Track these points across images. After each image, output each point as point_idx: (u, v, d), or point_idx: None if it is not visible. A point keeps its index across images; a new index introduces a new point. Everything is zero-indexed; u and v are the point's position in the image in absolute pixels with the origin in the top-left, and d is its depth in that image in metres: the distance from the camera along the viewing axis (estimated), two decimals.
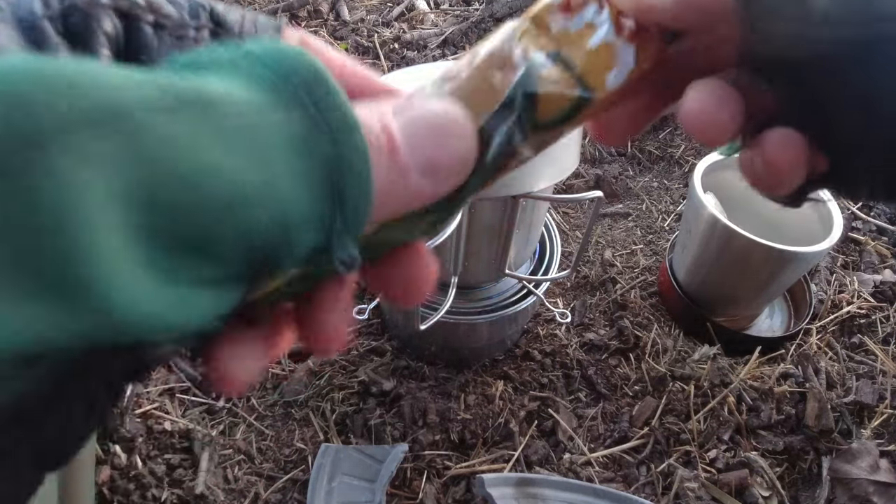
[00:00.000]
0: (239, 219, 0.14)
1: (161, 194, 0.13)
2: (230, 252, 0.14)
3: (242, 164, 0.14)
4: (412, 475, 0.74)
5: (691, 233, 0.87)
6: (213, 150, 0.14)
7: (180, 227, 0.13)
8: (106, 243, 0.12)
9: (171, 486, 0.71)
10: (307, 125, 0.15)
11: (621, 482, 0.75)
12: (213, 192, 0.14)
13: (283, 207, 0.15)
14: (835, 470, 0.74)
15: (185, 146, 0.13)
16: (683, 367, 0.85)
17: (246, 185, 0.14)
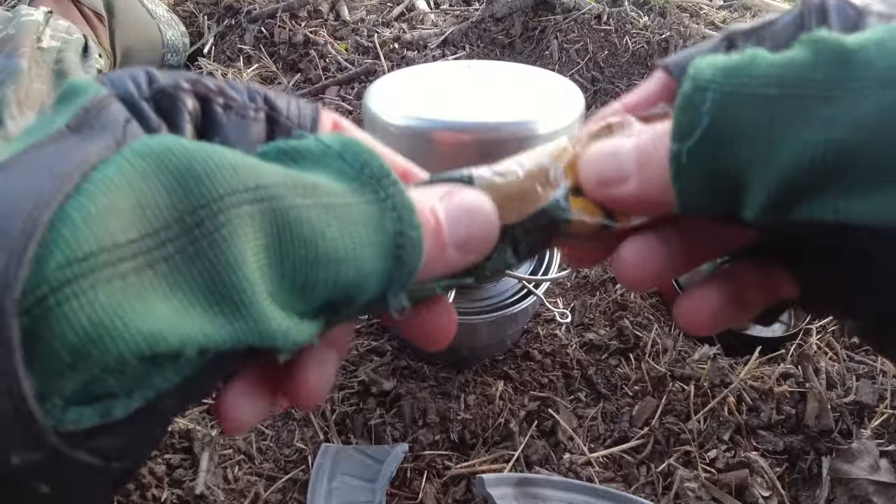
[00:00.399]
0: (336, 271, 0.19)
1: (288, 248, 0.18)
2: (323, 294, 0.20)
3: (340, 233, 0.19)
4: (412, 475, 0.74)
5: None
6: (322, 219, 0.19)
7: (298, 274, 0.19)
8: (257, 281, 0.18)
9: (171, 486, 0.71)
10: (379, 207, 0.21)
11: (621, 482, 0.75)
12: (323, 250, 0.19)
13: (364, 265, 0.20)
14: (835, 470, 0.74)
15: (305, 216, 0.19)
16: (683, 367, 0.85)
17: (341, 248, 0.19)
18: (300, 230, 0.18)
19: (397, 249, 0.20)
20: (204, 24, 1.51)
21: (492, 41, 1.48)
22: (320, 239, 0.19)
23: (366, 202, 0.20)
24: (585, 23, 1.45)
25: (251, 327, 0.17)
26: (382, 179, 0.21)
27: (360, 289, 0.20)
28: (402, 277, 0.21)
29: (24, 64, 0.99)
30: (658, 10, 1.51)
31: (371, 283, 0.20)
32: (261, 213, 0.18)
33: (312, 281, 0.19)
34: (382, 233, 0.20)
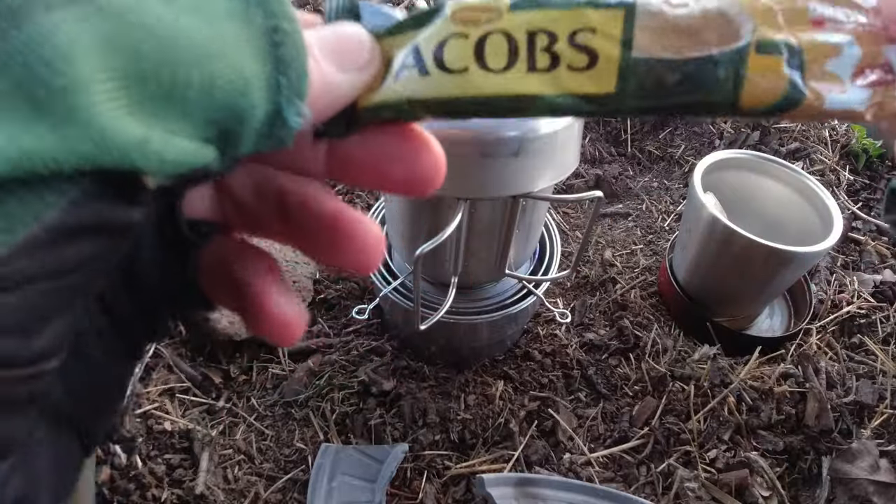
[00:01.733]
0: (204, 68, 0.15)
1: (132, 45, 0.14)
2: (197, 106, 0.16)
3: (198, 25, 0.15)
4: (412, 475, 0.74)
5: (691, 233, 0.87)
6: (172, 16, 0.15)
7: (153, 74, 0.15)
8: (91, 79, 0.14)
9: (171, 486, 0.71)
10: (244, 1, 0.17)
11: (621, 482, 0.75)
12: (181, 44, 0.15)
13: (240, 64, 0.16)
14: (835, 470, 0.74)
15: (151, 13, 0.15)
16: (683, 367, 0.85)
17: (207, 42, 0.15)
18: (143, 22, 0.15)
19: (274, 48, 0.17)
20: None
21: None
22: (170, 28, 0.15)
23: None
24: None
25: (86, 133, 0.14)
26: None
27: (246, 99, 0.16)
28: (292, 82, 0.17)
29: None
30: None
31: (256, 91, 0.17)
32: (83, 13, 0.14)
33: (181, 79, 0.15)
34: (249, 26, 0.17)
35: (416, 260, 0.57)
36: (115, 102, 0.14)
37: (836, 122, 1.25)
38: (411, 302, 0.73)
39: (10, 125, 0.13)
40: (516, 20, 0.19)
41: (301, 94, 0.18)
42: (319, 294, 0.93)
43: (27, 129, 0.13)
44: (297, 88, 0.17)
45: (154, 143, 0.15)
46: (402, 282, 0.77)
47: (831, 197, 0.85)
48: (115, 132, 0.14)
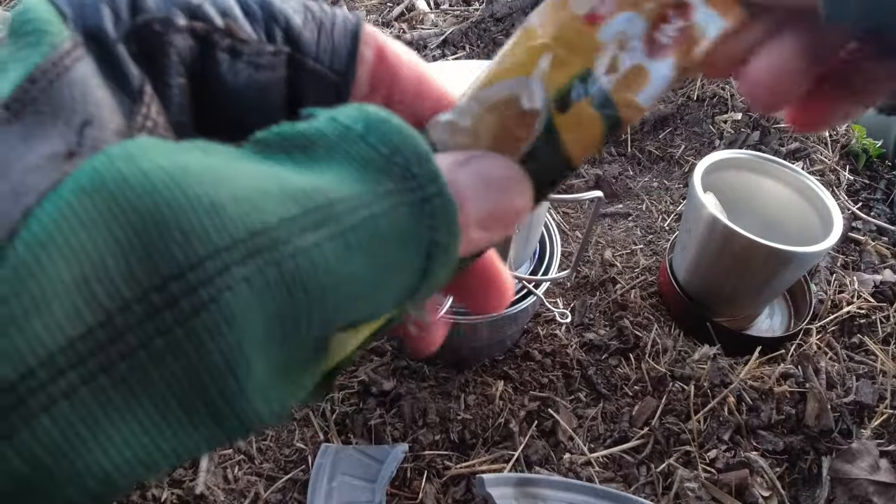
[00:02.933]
0: (353, 311, 0.15)
1: (301, 309, 0.13)
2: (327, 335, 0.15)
3: (366, 265, 0.14)
4: (412, 475, 0.74)
5: (691, 233, 0.87)
6: (343, 255, 0.14)
7: (309, 333, 0.14)
8: (255, 368, 0.13)
9: (171, 486, 0.71)
10: (414, 212, 0.15)
11: (621, 482, 0.75)
12: (345, 294, 0.14)
13: (388, 293, 0.16)
14: (835, 470, 0.74)
15: (321, 258, 0.14)
16: (683, 367, 0.85)
17: (367, 284, 0.15)
18: (316, 280, 0.13)
19: (427, 261, 0.16)
20: None
21: (492, 41, 1.48)
22: (341, 285, 0.14)
23: (397, 205, 0.15)
24: None
25: (229, 430, 0.13)
26: (419, 170, 0.16)
27: (375, 315, 0.16)
28: (428, 290, 0.16)
29: None
30: None
31: (390, 306, 0.16)
32: (260, 273, 0.13)
33: (328, 331, 0.15)
34: (415, 247, 0.15)
35: None
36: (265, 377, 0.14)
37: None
38: None
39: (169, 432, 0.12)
40: None
41: (429, 296, 0.17)
42: None
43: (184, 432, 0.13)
44: (427, 293, 0.17)
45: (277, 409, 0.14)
46: None
47: (831, 197, 0.85)
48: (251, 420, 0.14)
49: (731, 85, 1.30)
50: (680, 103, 1.33)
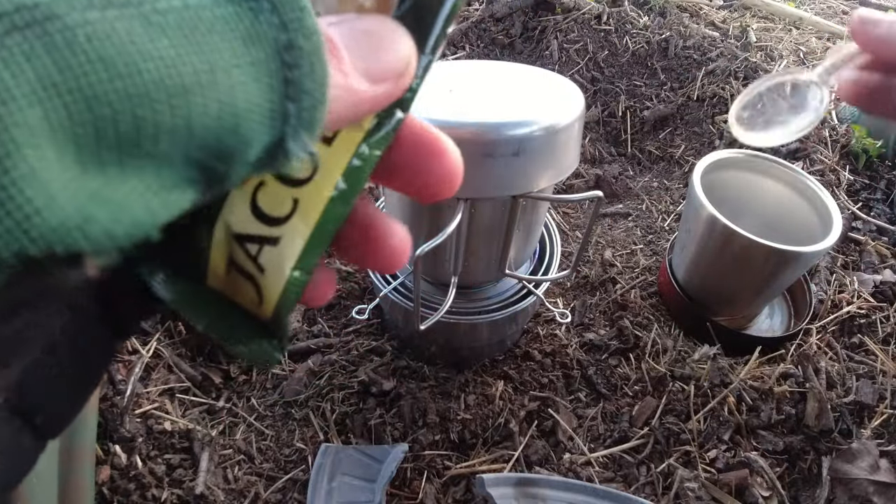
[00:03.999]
0: (179, 107, 0.12)
1: (86, 86, 0.11)
2: (174, 148, 0.13)
3: (180, 51, 0.12)
4: (412, 475, 0.74)
5: (691, 233, 0.87)
6: (147, 39, 0.12)
7: (111, 120, 0.12)
8: (25, 142, 0.11)
9: (171, 486, 0.71)
10: (249, 8, 0.13)
11: (621, 482, 0.75)
12: (146, 78, 0.12)
13: (231, 95, 0.13)
14: (835, 470, 0.74)
15: (116, 39, 0.12)
16: (683, 367, 0.85)
17: (185, 72, 0.12)
18: (102, 51, 0.12)
19: (287, 69, 0.14)
20: None
21: (492, 41, 1.48)
22: (140, 59, 0.12)
23: (223, 3, 0.13)
24: (585, 23, 1.45)
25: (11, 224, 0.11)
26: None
27: (237, 135, 0.14)
28: (303, 111, 0.14)
29: None
30: (658, 10, 1.51)
31: (254, 124, 0.14)
32: (30, 44, 0.11)
33: (143, 126, 0.12)
34: (257, 44, 0.13)
35: (416, 260, 0.57)
36: (54, 166, 0.11)
37: (826, 119, 1.25)
38: (411, 302, 0.72)
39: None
40: None
41: (312, 126, 0.15)
42: None
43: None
44: (308, 119, 0.14)
45: (99, 219, 0.12)
46: (402, 282, 0.77)
47: (831, 197, 0.86)
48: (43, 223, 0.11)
49: (731, 85, 1.30)
50: (680, 103, 1.33)
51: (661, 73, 1.40)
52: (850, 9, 1.94)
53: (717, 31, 1.53)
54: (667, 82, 1.38)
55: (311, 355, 0.86)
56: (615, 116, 1.35)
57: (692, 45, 1.42)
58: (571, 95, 0.61)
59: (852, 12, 0.38)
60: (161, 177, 0.13)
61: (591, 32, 1.43)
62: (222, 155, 0.14)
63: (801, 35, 1.61)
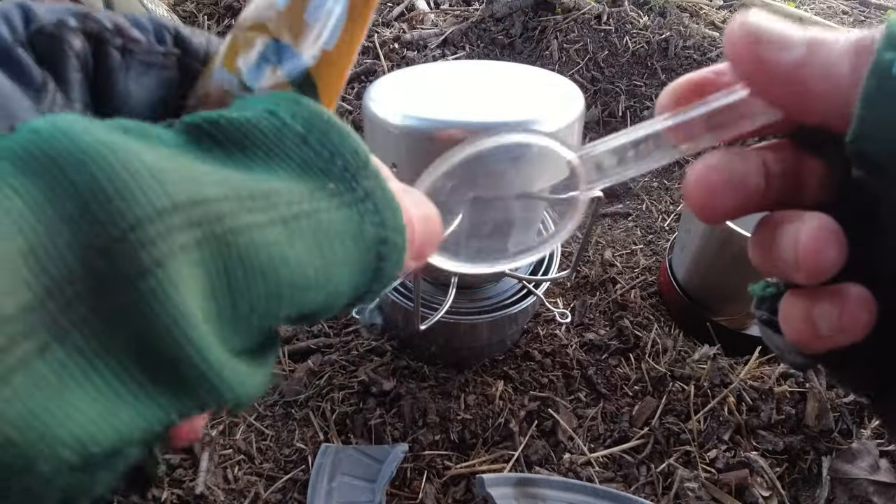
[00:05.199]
0: (301, 300, 0.15)
1: (242, 286, 0.14)
2: (283, 323, 0.16)
3: (308, 254, 0.15)
4: (412, 475, 0.74)
5: (691, 233, 0.87)
6: (283, 239, 0.14)
7: (253, 315, 0.14)
8: (205, 332, 0.13)
9: (171, 486, 0.71)
10: (358, 211, 0.16)
11: (621, 482, 0.75)
12: (287, 280, 0.14)
13: (337, 287, 0.16)
14: (835, 470, 0.74)
15: (261, 238, 0.14)
16: (683, 367, 0.85)
17: (310, 273, 0.15)
18: (255, 259, 0.14)
19: (378, 261, 0.17)
20: (204, 24, 1.51)
21: (492, 41, 1.48)
22: (282, 267, 0.14)
23: (339, 205, 0.16)
24: (585, 23, 1.45)
25: (203, 394, 0.13)
26: (360, 171, 0.16)
27: (329, 311, 0.16)
28: (377, 291, 0.18)
29: None
30: (658, 10, 1.51)
31: (343, 302, 0.17)
32: (201, 244, 0.13)
33: (272, 317, 0.15)
34: (361, 243, 0.16)
35: None
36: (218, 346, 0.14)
37: None
38: (411, 302, 0.72)
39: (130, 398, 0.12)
40: None
41: (382, 291, 0.18)
42: None
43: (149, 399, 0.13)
44: (381, 289, 0.18)
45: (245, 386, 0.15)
46: (402, 282, 0.77)
47: None
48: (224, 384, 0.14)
49: None
50: None
51: (661, 73, 1.40)
52: (851, 9, 1.93)
53: (717, 31, 1.53)
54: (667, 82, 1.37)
55: (311, 355, 0.86)
56: (615, 116, 1.35)
57: (692, 45, 1.42)
58: (571, 95, 0.61)
59: (735, 21, 0.21)
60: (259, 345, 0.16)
61: (591, 32, 1.43)
62: (314, 319, 0.17)
63: None
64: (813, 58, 0.19)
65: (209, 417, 0.79)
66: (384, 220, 0.16)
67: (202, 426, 0.20)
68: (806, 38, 0.19)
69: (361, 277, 0.17)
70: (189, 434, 0.20)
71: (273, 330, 0.16)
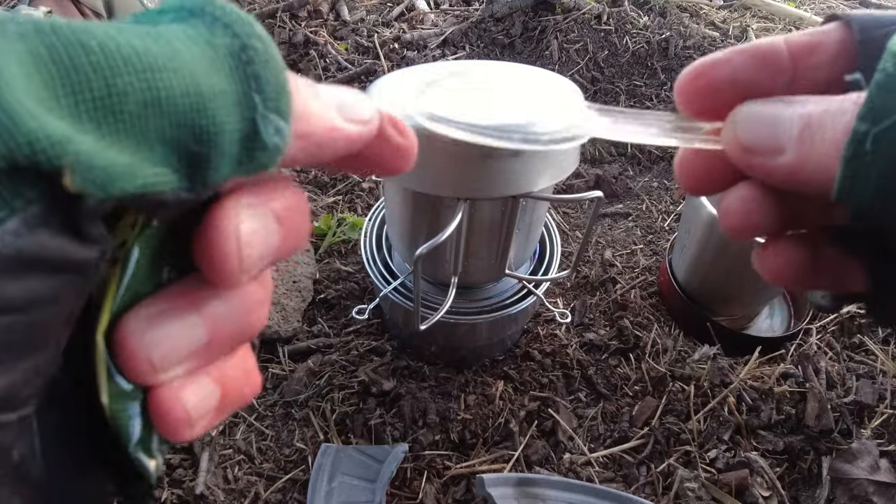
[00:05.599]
0: (147, 80, 0.14)
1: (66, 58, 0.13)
2: (147, 123, 0.14)
3: (147, 44, 0.14)
4: (412, 475, 0.74)
5: (691, 233, 0.87)
6: (117, 33, 0.14)
7: (84, 86, 0.13)
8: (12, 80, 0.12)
9: (171, 486, 0.71)
10: (205, 25, 0.16)
11: (621, 482, 0.75)
12: (116, 56, 0.14)
13: (195, 78, 0.15)
14: (835, 470, 0.74)
15: (93, 31, 0.14)
16: (683, 367, 0.85)
17: (151, 56, 0.14)
18: (81, 35, 0.13)
19: (246, 66, 0.16)
20: None
21: (492, 41, 1.48)
22: (111, 43, 0.14)
23: (186, 27, 0.16)
24: (585, 23, 1.45)
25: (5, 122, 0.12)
26: (206, 6, 0.16)
27: (206, 116, 0.15)
28: (268, 98, 0.16)
29: None
30: (658, 10, 1.51)
31: (221, 108, 0.15)
32: (18, 31, 0.13)
33: (117, 94, 0.14)
34: (214, 49, 0.15)
35: (416, 260, 0.57)
36: (39, 106, 0.13)
37: None
38: (411, 302, 0.72)
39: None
40: None
41: (281, 111, 0.16)
42: (319, 294, 0.93)
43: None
44: (275, 105, 0.16)
45: (81, 144, 0.13)
46: (402, 282, 0.77)
47: None
48: (28, 125, 0.12)
49: None
50: None
51: (661, 73, 1.40)
52: (851, 9, 1.93)
53: (717, 31, 1.53)
54: (667, 82, 1.38)
55: (311, 355, 0.86)
56: None
57: (692, 45, 1.42)
58: (571, 95, 0.61)
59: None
60: (140, 149, 0.14)
61: (591, 32, 1.43)
62: (198, 137, 0.15)
63: None
64: (805, 164, 0.20)
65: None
66: (237, 31, 0.16)
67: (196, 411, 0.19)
68: (797, 132, 0.20)
69: (230, 80, 0.16)
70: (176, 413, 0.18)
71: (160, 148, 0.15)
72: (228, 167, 0.16)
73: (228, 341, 0.19)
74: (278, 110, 0.16)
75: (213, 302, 0.18)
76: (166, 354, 0.17)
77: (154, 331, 0.17)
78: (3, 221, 0.12)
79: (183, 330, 0.17)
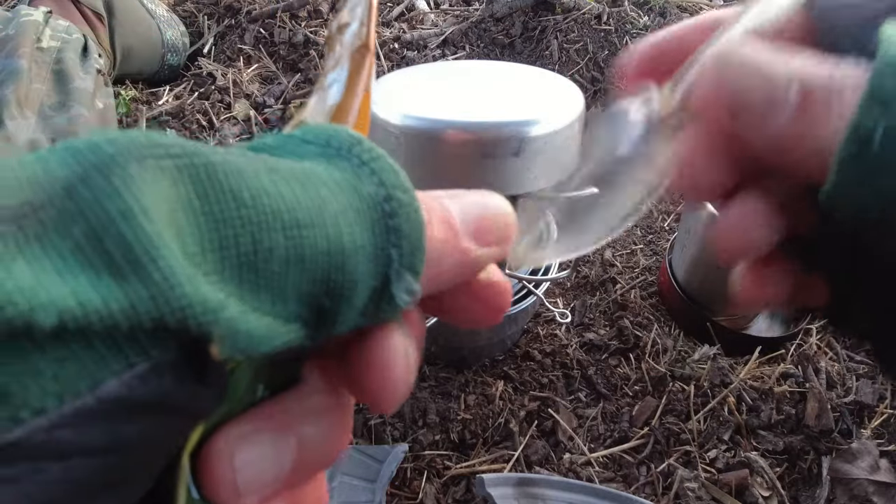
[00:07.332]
0: (293, 237, 0.14)
1: (219, 206, 0.13)
2: (287, 278, 0.14)
3: (297, 194, 0.14)
4: (412, 475, 0.74)
5: (691, 232, 0.87)
6: (265, 177, 0.14)
7: (240, 243, 0.13)
8: (169, 240, 0.12)
9: None
10: (354, 172, 0.16)
11: (621, 482, 0.75)
12: (267, 210, 0.14)
13: (338, 234, 0.15)
14: (835, 470, 0.74)
15: (237, 167, 0.14)
16: (683, 367, 0.85)
17: (300, 209, 0.14)
18: (234, 182, 0.14)
19: (387, 218, 0.16)
20: (204, 24, 1.51)
21: (492, 41, 1.48)
22: (263, 195, 0.14)
23: (334, 168, 0.16)
24: (585, 23, 1.45)
25: (153, 289, 0.12)
26: (354, 147, 0.16)
27: (347, 273, 0.15)
28: (405, 254, 0.16)
29: (24, 64, 0.99)
30: (658, 10, 1.51)
31: (359, 264, 0.15)
32: (175, 168, 0.13)
33: (263, 252, 0.14)
34: (359, 198, 0.15)
35: None
36: (190, 264, 0.13)
37: None
38: None
39: (75, 277, 0.12)
40: None
41: (414, 268, 0.16)
42: None
43: (92, 283, 0.12)
44: (409, 261, 0.16)
45: (229, 310, 0.13)
46: None
47: None
48: (183, 290, 0.12)
49: None
50: None
51: None
52: None
53: None
54: None
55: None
56: None
57: None
58: (571, 95, 0.61)
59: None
60: (275, 306, 0.14)
61: (591, 32, 1.43)
62: (331, 292, 0.15)
63: None
64: (802, 126, 0.17)
65: None
66: (382, 179, 0.16)
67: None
68: (797, 89, 0.17)
69: (371, 235, 0.15)
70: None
71: (295, 301, 0.15)
72: (354, 320, 0.16)
73: (314, 467, 0.18)
74: (412, 267, 0.16)
75: (306, 425, 0.18)
76: (253, 479, 0.16)
77: (243, 453, 0.16)
78: (134, 367, 0.12)
79: (273, 453, 0.17)
